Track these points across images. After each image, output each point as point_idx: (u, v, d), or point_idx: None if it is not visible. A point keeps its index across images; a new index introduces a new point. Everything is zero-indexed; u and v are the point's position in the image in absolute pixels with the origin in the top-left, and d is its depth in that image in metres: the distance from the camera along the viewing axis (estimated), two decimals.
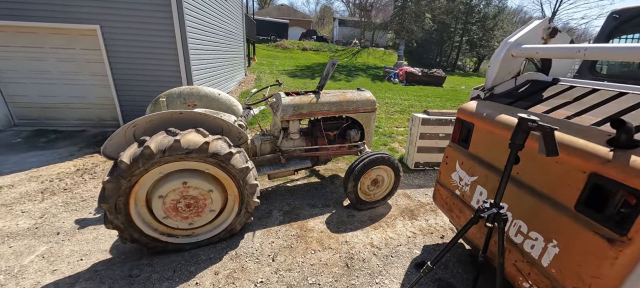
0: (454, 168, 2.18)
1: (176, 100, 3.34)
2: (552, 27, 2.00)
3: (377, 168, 3.07)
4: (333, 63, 3.15)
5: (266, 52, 23.25)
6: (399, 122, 7.06)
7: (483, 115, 1.90)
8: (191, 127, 2.34)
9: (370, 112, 3.43)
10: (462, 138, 2.13)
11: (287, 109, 3.03)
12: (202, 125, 2.45)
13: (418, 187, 3.81)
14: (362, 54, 25.60)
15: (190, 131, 2.24)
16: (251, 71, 14.64)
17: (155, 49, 6.00)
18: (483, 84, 2.23)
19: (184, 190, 2.29)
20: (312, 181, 3.86)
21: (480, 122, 1.92)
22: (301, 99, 3.12)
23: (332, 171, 4.17)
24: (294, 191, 3.58)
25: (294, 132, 3.22)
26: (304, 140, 3.34)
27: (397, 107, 8.77)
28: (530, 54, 1.91)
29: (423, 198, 3.53)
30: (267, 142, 3.24)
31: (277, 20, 30.51)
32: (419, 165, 4.25)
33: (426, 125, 4.02)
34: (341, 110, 3.26)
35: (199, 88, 3.43)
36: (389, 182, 3.22)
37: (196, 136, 2.21)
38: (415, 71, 14.67)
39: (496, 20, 26.65)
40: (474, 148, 2.01)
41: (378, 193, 3.24)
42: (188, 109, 3.36)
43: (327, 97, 3.21)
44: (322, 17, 54.00)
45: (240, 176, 2.39)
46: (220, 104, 3.49)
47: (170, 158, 2.12)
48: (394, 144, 5.43)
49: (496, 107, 1.92)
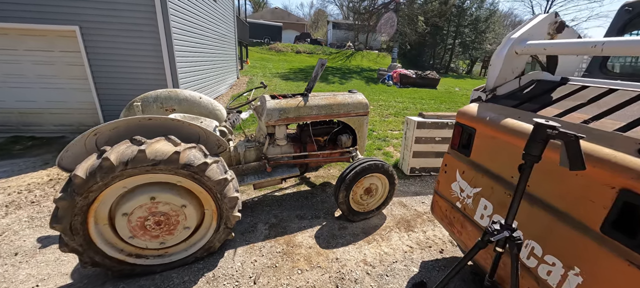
0: (454, 178, 1.97)
1: (152, 104, 3.08)
2: (559, 21, 1.81)
3: (371, 176, 2.84)
4: (322, 63, 2.93)
5: (260, 55, 23.00)
6: (393, 125, 6.88)
7: (486, 120, 1.70)
8: (162, 134, 2.09)
9: (362, 116, 3.22)
10: (462, 144, 1.93)
11: (272, 113, 2.79)
12: (176, 132, 2.20)
13: (414, 194, 3.60)
14: (356, 56, 25.52)
15: (159, 139, 1.99)
16: (244, 74, 14.38)
17: (139, 51, 5.72)
18: (484, 84, 2.04)
19: (152, 206, 2.03)
20: (302, 190, 3.63)
21: (483, 127, 1.71)
22: (288, 102, 2.89)
23: (323, 178, 3.94)
24: (281, 201, 3.33)
25: (280, 138, 2.98)
26: (291, 146, 3.10)
27: (392, 109, 8.61)
28: (536, 50, 1.72)
29: (420, 206, 3.32)
30: (252, 149, 2.99)
31: (270, 23, 30.35)
32: (415, 170, 4.05)
33: (422, 129, 3.83)
34: (331, 113, 3.04)
35: (177, 91, 3.17)
36: (383, 190, 3.01)
37: (166, 145, 1.96)
38: (409, 73, 14.58)
39: (488, 23, 26.89)
40: (476, 156, 1.80)
41: (372, 203, 3.02)
42: (165, 113, 3.11)
43: (316, 100, 2.99)
44: (316, 20, 54.05)
45: (217, 189, 2.14)
46: (201, 108, 3.24)
47: (134, 171, 1.86)
48: (389, 148, 5.23)
49: (500, 110, 1.72)
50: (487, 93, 1.92)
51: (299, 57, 23.78)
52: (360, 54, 26.29)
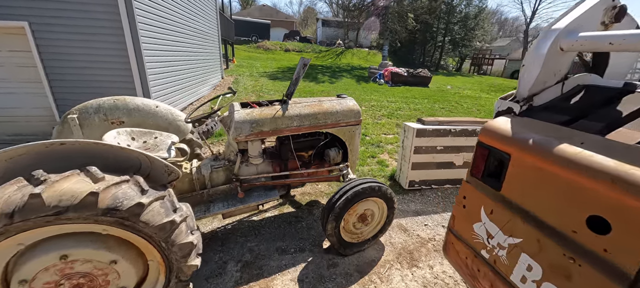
0: (477, 217, 1.48)
1: (93, 116, 2.48)
2: (619, 6, 1.34)
3: (365, 201, 2.34)
4: (304, 63, 2.40)
5: (247, 53, 22.21)
6: (387, 127, 6.41)
7: (528, 144, 1.21)
8: (85, 163, 1.52)
9: (354, 125, 2.70)
10: (488, 172, 1.44)
11: (242, 127, 2.24)
12: (105, 159, 1.63)
13: (415, 214, 3.12)
14: (346, 54, 25.05)
15: (71, 174, 1.42)
16: (229, 74, 13.65)
17: (101, 50, 5.04)
18: (513, 91, 1.55)
19: (65, 266, 1.46)
20: (285, 212, 3.09)
21: (524, 154, 1.22)
22: (262, 112, 2.34)
23: (310, 196, 3.42)
24: (259, 228, 2.79)
25: (254, 155, 2.44)
26: (269, 164, 2.56)
27: (384, 110, 8.15)
28: (593, 46, 1.24)
29: (423, 231, 2.84)
30: (219, 169, 2.43)
31: (258, 21, 29.51)
32: (414, 183, 3.58)
33: (422, 138, 3.35)
34: (317, 124, 2.51)
35: (126, 99, 2.57)
36: (380, 216, 2.51)
37: (77, 183, 1.39)
38: (401, 71, 14.20)
39: (477, 20, 26.87)
40: (511, 191, 1.31)
41: (367, 232, 2.51)
42: (110, 127, 2.51)
43: (298, 109, 2.45)
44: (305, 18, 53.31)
45: (160, 236, 1.58)
46: (158, 120, 2.65)
47: (27, 225, 1.29)
48: (383, 156, 4.75)
49: (547, 129, 1.23)
50: (521, 103, 1.43)
51: (288, 56, 23.12)
52: (350, 51, 25.83)
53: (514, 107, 1.45)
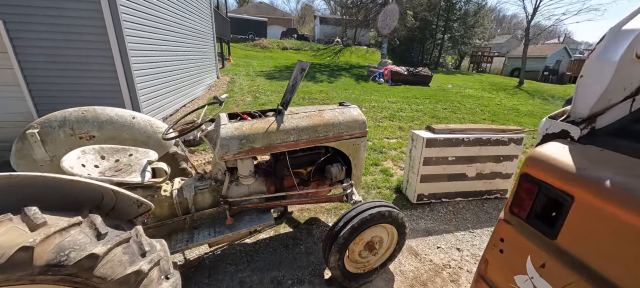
0: (520, 268, 1.17)
1: (58, 130, 2.14)
2: None
3: (374, 228, 2.03)
4: (302, 68, 2.07)
5: (244, 52, 21.79)
6: (389, 131, 6.10)
7: (604, 186, 0.89)
8: (31, 199, 1.20)
9: (359, 138, 2.38)
10: (536, 213, 1.13)
11: (229, 144, 1.91)
12: (57, 194, 1.30)
13: (426, 234, 2.81)
14: (345, 52, 24.70)
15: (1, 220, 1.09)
16: (225, 73, 13.27)
17: (83, 49, 4.67)
18: (564, 108, 1.24)
19: None
20: (281, 232, 2.78)
21: (598, 200, 0.91)
22: (253, 125, 2.01)
23: (309, 212, 3.10)
24: (252, 254, 2.47)
25: (245, 175, 2.11)
26: (262, 183, 2.24)
27: (386, 111, 7.84)
28: None
29: (436, 255, 2.54)
30: (205, 191, 2.11)
31: (255, 19, 29.00)
32: (423, 197, 3.27)
33: (432, 148, 3.04)
34: (317, 138, 2.19)
35: (96, 110, 2.24)
36: (389, 242, 2.20)
37: (7, 233, 1.06)
38: (401, 70, 13.88)
39: (477, 17, 26.55)
40: (573, 243, 1.00)
41: (374, 260, 2.21)
42: (79, 143, 2.18)
43: (295, 121, 2.13)
44: (303, 15, 52.77)
45: None
46: (135, 133, 2.32)
47: None
48: (387, 163, 4.45)
49: (625, 165, 0.92)
50: (580, 124, 1.12)
51: (286, 54, 22.73)
52: (348, 49, 25.47)
53: (571, 130, 1.14)
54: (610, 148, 1.03)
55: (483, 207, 3.31)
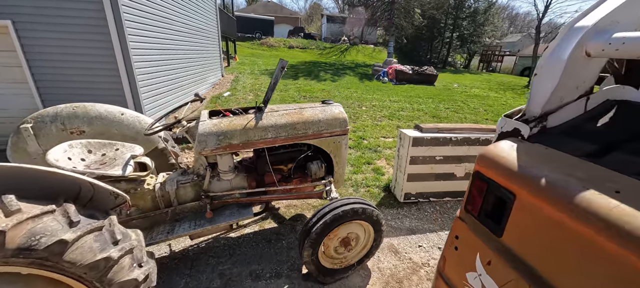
0: (471, 265, 1.19)
1: (50, 125, 2.25)
2: None
3: (348, 224, 2.06)
4: (282, 66, 2.11)
5: (250, 50, 21.97)
6: (387, 130, 6.08)
7: (541, 184, 0.90)
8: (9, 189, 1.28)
9: (339, 136, 2.41)
10: (486, 211, 1.14)
11: (206, 140, 1.97)
12: (33, 184, 1.38)
13: (409, 232, 2.82)
14: (351, 51, 24.58)
15: None
16: (230, 71, 13.44)
17: (87, 48, 4.84)
18: (520, 107, 1.24)
19: None
20: (266, 227, 2.83)
21: (535, 198, 0.91)
22: (231, 122, 2.06)
23: (296, 208, 3.15)
24: (235, 248, 2.54)
25: (225, 170, 2.17)
26: (244, 178, 2.29)
27: (386, 110, 7.80)
28: (634, 49, 0.92)
29: (416, 254, 2.54)
30: (187, 185, 2.18)
31: (262, 17, 29.17)
32: (410, 196, 3.27)
33: (418, 146, 3.03)
34: (296, 135, 2.22)
35: (87, 106, 2.34)
36: (366, 239, 2.22)
37: None
38: (406, 69, 13.74)
39: (487, 15, 25.97)
40: (516, 241, 1.01)
41: (351, 257, 2.23)
42: (69, 137, 2.28)
43: (274, 118, 2.17)
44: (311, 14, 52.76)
45: (91, 276, 1.34)
46: (123, 129, 2.41)
47: None
48: (380, 162, 4.44)
49: (564, 164, 0.93)
50: (531, 123, 1.12)
51: (292, 53, 22.80)
52: (355, 48, 25.34)
53: (522, 128, 1.14)
54: (556, 147, 1.03)
55: None
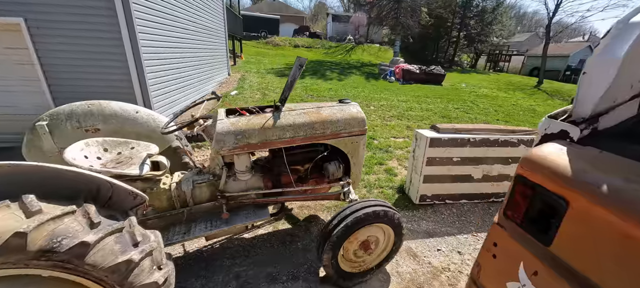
0: (513, 275, 1.12)
1: (66, 123, 2.23)
2: None
3: (369, 227, 2.00)
4: (300, 64, 2.06)
5: (255, 49, 21.99)
6: (397, 130, 6.00)
7: (602, 191, 0.83)
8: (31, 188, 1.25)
9: (358, 136, 2.35)
10: (530, 218, 1.07)
11: (224, 139, 1.93)
12: (48, 185, 1.35)
13: (426, 235, 2.75)
14: (356, 50, 24.46)
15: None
16: (236, 70, 13.44)
17: (97, 46, 4.85)
18: (565, 108, 1.17)
19: None
20: (280, 228, 2.78)
21: (595, 207, 0.85)
22: (249, 121, 2.02)
23: (309, 209, 3.10)
24: (250, 249, 2.49)
25: (242, 170, 2.13)
26: (260, 179, 2.24)
27: (394, 110, 7.71)
28: None
29: (435, 257, 2.47)
30: (203, 185, 2.14)
31: (267, 16, 29.17)
32: (426, 198, 3.19)
33: (436, 148, 2.96)
34: (314, 135, 2.17)
35: (102, 104, 2.31)
36: (386, 243, 2.16)
37: (4, 220, 1.11)
38: (413, 68, 13.61)
39: (495, 14, 25.60)
40: (568, 251, 0.94)
41: (369, 260, 2.17)
42: (84, 135, 2.26)
43: (292, 117, 2.12)
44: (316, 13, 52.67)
45: (113, 280, 1.30)
46: (137, 127, 2.38)
47: None
48: (392, 163, 4.37)
49: (626, 170, 0.86)
50: (581, 124, 1.05)
51: (297, 52, 22.77)
52: (360, 47, 25.22)
53: (571, 130, 1.07)
54: (611, 151, 0.96)
55: (489, 211, 3.20)
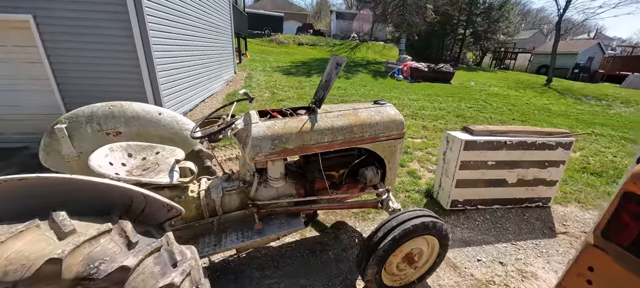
0: None
1: (85, 126, 2.09)
2: None
3: (415, 239, 1.85)
4: (338, 63, 1.91)
5: (260, 47, 21.81)
6: (413, 130, 5.83)
7: None
8: (56, 203, 1.11)
9: (395, 140, 2.19)
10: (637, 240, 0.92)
11: (261, 145, 1.78)
12: (79, 198, 1.21)
13: (463, 244, 2.60)
14: (361, 48, 24.24)
15: (26, 229, 1.00)
16: (242, 68, 13.29)
17: (108, 43, 4.72)
18: None
19: None
20: (307, 236, 2.64)
21: None
22: (286, 125, 1.87)
23: (335, 215, 2.95)
24: (278, 259, 2.35)
25: (275, 176, 1.98)
26: (292, 186, 2.10)
27: (407, 109, 7.55)
28: None
29: (477, 269, 2.32)
30: (233, 192, 2.00)
31: (271, 14, 28.96)
32: (457, 204, 3.04)
33: (470, 151, 2.80)
34: (352, 139, 2.02)
35: (123, 105, 2.17)
36: (429, 255, 2.02)
37: (34, 243, 0.97)
38: (422, 66, 13.41)
39: (502, 11, 25.25)
40: None
41: (411, 274, 2.03)
42: (105, 139, 2.12)
43: (330, 120, 1.97)
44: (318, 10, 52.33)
45: None
46: (160, 129, 2.25)
47: None
48: (413, 165, 4.22)
49: None
50: None
51: (302, 49, 22.57)
52: (365, 45, 24.99)
53: None
54: None
55: (524, 217, 3.04)
